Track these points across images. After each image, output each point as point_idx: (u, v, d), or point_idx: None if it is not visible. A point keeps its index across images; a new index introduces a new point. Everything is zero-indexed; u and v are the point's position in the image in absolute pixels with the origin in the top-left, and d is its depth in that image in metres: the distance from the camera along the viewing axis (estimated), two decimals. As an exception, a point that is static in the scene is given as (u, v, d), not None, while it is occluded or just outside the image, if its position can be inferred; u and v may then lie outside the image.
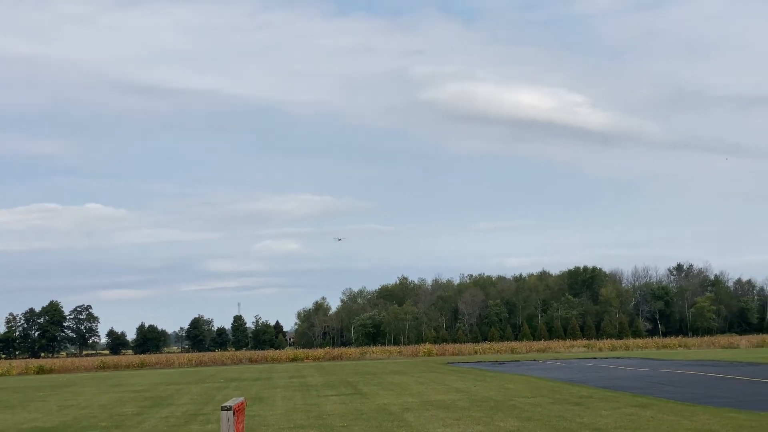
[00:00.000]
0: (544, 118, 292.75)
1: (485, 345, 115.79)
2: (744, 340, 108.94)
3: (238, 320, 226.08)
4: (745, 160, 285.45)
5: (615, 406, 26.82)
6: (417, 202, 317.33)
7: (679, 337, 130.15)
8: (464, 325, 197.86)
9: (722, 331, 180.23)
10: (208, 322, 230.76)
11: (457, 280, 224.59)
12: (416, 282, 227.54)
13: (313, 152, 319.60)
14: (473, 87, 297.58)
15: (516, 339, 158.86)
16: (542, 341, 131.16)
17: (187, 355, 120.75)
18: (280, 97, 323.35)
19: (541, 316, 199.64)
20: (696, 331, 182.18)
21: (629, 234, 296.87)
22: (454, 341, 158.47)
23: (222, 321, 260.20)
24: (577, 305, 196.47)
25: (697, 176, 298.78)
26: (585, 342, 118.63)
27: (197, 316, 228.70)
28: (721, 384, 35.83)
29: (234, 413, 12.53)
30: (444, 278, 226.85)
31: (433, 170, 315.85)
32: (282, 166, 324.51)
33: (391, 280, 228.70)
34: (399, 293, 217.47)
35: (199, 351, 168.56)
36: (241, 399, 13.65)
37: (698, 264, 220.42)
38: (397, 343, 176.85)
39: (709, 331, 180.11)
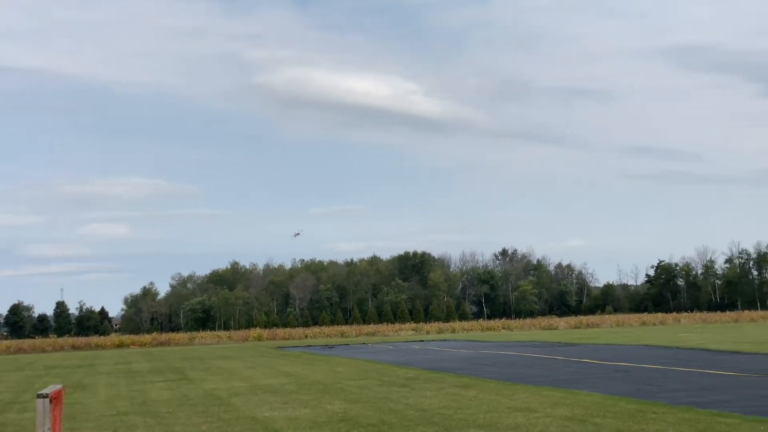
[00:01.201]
0: (379, 106, 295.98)
1: (316, 329, 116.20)
2: (563, 322, 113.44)
3: (60, 306, 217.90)
4: (568, 149, 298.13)
5: (440, 386, 27.44)
6: (249, 187, 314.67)
7: (503, 320, 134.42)
8: (295, 310, 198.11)
9: (543, 314, 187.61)
10: (29, 309, 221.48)
11: (288, 265, 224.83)
12: (247, 267, 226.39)
13: (145, 135, 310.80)
14: (308, 72, 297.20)
15: (346, 323, 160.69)
16: (372, 325, 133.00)
17: (5, 342, 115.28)
18: (110, 78, 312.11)
19: (372, 301, 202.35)
20: (519, 314, 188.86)
21: (458, 220, 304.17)
22: (285, 326, 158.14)
23: (43, 307, 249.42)
24: (406, 289, 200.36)
25: (522, 164, 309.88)
26: (413, 325, 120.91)
27: (17, 302, 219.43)
28: (540, 364, 37.28)
29: (51, 401, 12.08)
30: (275, 263, 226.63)
31: (267, 155, 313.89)
32: (112, 148, 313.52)
33: (222, 265, 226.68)
34: (230, 278, 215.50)
35: (19, 338, 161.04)
36: (59, 386, 13.17)
37: (522, 249, 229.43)
38: (227, 328, 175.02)
39: (531, 314, 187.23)
